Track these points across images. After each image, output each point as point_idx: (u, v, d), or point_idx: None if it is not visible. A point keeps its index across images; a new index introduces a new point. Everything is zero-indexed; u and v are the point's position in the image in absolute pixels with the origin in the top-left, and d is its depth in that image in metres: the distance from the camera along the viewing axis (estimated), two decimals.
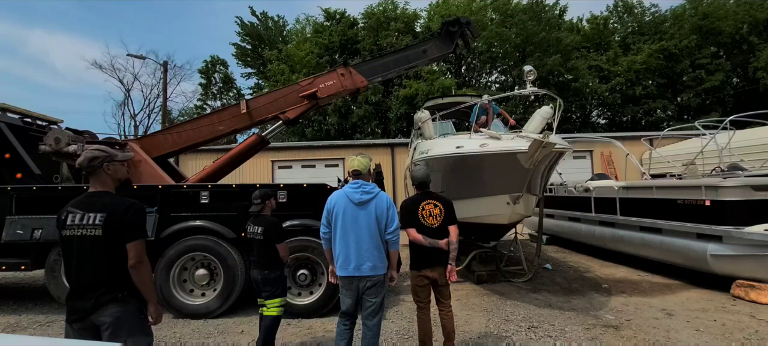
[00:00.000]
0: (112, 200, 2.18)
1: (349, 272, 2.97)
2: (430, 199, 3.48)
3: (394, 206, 3.16)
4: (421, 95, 20.95)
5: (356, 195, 3.02)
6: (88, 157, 2.20)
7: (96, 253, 2.09)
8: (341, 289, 3.10)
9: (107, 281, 2.10)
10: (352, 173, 3.16)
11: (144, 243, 2.19)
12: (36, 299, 6.03)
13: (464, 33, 7.21)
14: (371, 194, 3.04)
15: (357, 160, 3.20)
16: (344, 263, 2.98)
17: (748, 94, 24.48)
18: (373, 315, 3.03)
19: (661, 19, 27.71)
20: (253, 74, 30.21)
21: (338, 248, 3.01)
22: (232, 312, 5.01)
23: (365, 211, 3.00)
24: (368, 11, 26.66)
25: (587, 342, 3.99)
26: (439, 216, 3.40)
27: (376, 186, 3.09)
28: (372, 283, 2.99)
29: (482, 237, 6.88)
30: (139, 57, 20.68)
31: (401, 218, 3.39)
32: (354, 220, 2.98)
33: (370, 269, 2.97)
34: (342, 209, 3.00)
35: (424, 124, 6.77)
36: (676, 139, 13.69)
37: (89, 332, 2.09)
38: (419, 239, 3.33)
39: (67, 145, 5.73)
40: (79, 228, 2.10)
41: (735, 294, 5.31)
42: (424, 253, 3.37)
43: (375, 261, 2.98)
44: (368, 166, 3.19)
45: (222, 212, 5.02)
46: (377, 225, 3.01)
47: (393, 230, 3.06)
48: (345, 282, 3.03)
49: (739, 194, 5.25)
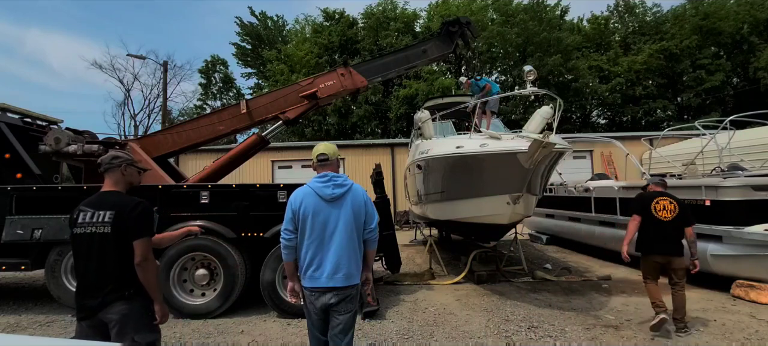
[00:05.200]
0: (121, 199, 2.24)
1: (320, 282, 2.42)
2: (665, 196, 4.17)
3: (370, 198, 2.70)
4: (421, 95, 20.97)
5: (327, 190, 2.47)
6: (112, 155, 2.33)
7: (104, 250, 2.13)
8: (307, 306, 2.53)
9: (115, 278, 2.13)
10: (319, 160, 2.57)
11: (150, 242, 2.23)
12: (36, 299, 6.03)
13: (464, 33, 7.21)
14: (344, 187, 2.52)
15: (324, 145, 2.63)
16: (316, 273, 2.44)
17: (749, 94, 24.49)
18: (345, 333, 2.49)
19: (662, 19, 27.72)
20: (253, 74, 30.27)
21: (308, 255, 2.46)
22: (232, 312, 5.01)
23: (340, 208, 2.47)
24: (368, 11, 26.70)
25: (587, 342, 3.99)
26: (672, 212, 4.09)
27: (347, 177, 2.61)
28: (344, 295, 2.46)
29: (482, 237, 6.88)
30: (139, 57, 20.74)
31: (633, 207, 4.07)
32: (327, 220, 2.45)
33: (345, 278, 2.45)
34: (311, 208, 2.45)
35: (424, 124, 6.77)
36: (676, 139, 13.69)
37: (98, 329, 2.12)
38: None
39: (67, 145, 5.73)
40: (90, 226, 2.14)
41: (735, 294, 5.30)
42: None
43: (351, 268, 2.48)
44: (336, 154, 2.66)
45: (222, 212, 5.01)
46: (354, 223, 2.50)
47: (373, 227, 2.60)
48: (313, 296, 2.46)
49: (739, 194, 5.25)
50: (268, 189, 5.10)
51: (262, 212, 4.98)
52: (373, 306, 4.85)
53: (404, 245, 9.86)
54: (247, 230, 4.96)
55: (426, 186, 6.58)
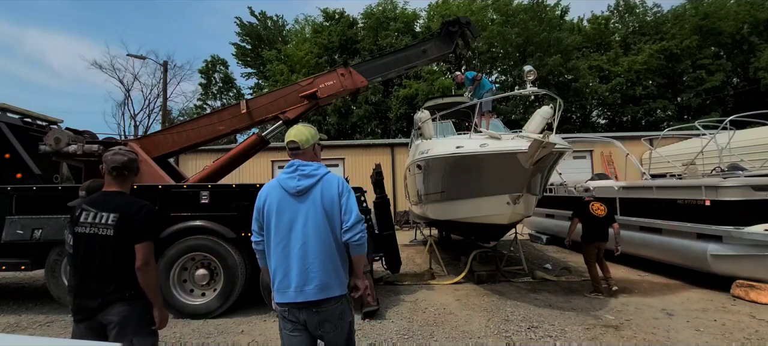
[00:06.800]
0: (126, 201, 2.20)
1: (287, 297, 1.97)
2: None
3: (350, 188, 2.15)
4: (421, 95, 20.97)
5: (292, 182, 2.03)
6: (131, 158, 2.27)
7: (105, 252, 2.10)
8: (282, 329, 2.07)
9: (115, 280, 2.11)
10: (288, 147, 2.14)
11: (152, 246, 2.20)
12: (36, 299, 6.03)
13: (464, 33, 7.21)
14: (313, 177, 2.05)
15: (294, 129, 2.16)
16: (282, 285, 1.99)
17: (749, 94, 24.49)
18: None
19: (662, 19, 27.72)
20: (253, 74, 30.26)
21: (273, 262, 2.03)
22: (232, 312, 5.01)
23: (307, 203, 2.01)
24: (368, 11, 26.71)
25: (587, 342, 3.99)
26: (604, 211, 5.56)
27: (321, 165, 2.13)
28: (324, 314, 1.97)
29: (482, 237, 6.89)
30: (139, 57, 20.73)
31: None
32: (293, 219, 2.01)
33: (318, 290, 1.95)
34: (275, 204, 2.03)
35: (424, 124, 6.77)
36: (676, 139, 13.70)
37: (95, 331, 2.10)
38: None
39: (67, 145, 5.74)
40: (91, 226, 2.11)
41: (735, 294, 5.30)
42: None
43: (326, 277, 1.98)
44: (312, 139, 2.16)
45: (222, 212, 5.01)
46: (327, 221, 2.02)
47: (352, 224, 2.03)
48: (287, 315, 2.01)
49: (739, 194, 5.25)
50: None
51: None
52: (373, 306, 4.85)
53: (404, 245, 9.86)
54: (247, 230, 4.95)
55: (426, 186, 6.58)
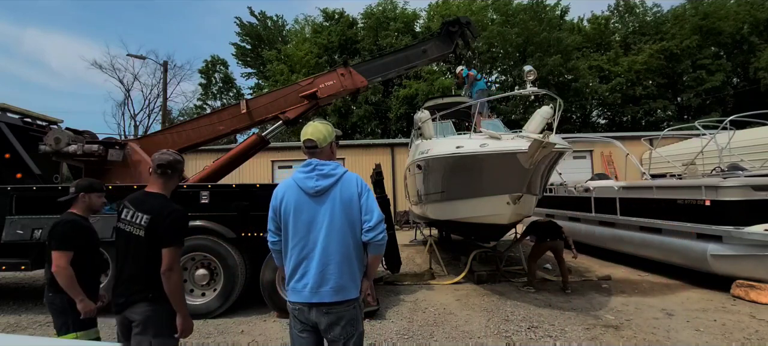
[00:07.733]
0: (160, 203, 2.22)
1: (302, 296, 1.97)
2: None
3: (369, 187, 2.14)
4: (421, 95, 20.97)
5: (310, 182, 2.02)
6: (176, 159, 2.33)
7: (138, 252, 2.17)
8: (292, 327, 2.08)
9: (143, 280, 2.16)
10: (306, 147, 2.12)
11: (178, 251, 2.19)
12: (36, 299, 6.02)
13: (464, 33, 7.22)
14: (333, 177, 2.04)
15: (312, 127, 2.12)
16: (298, 285, 2.00)
17: (749, 94, 24.48)
18: None
19: (662, 19, 27.72)
20: (253, 74, 30.26)
21: (292, 262, 2.03)
22: (232, 312, 5.01)
23: (326, 203, 2.01)
24: (368, 11, 26.71)
25: (587, 342, 3.99)
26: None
27: (338, 165, 2.11)
28: (336, 316, 1.97)
29: (482, 237, 6.89)
30: (139, 57, 20.77)
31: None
32: (311, 219, 2.01)
33: (333, 292, 1.96)
34: (293, 204, 2.03)
35: (424, 124, 6.77)
36: (676, 139, 13.69)
37: (125, 326, 2.19)
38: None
39: (67, 145, 5.73)
40: (129, 225, 2.20)
41: (735, 294, 5.30)
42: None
43: (342, 280, 1.98)
44: (329, 137, 2.14)
45: (222, 212, 5.01)
46: (346, 222, 2.01)
47: (375, 223, 2.03)
48: (297, 314, 2.02)
49: (739, 194, 5.25)
50: (268, 189, 5.08)
51: (262, 212, 4.94)
52: (373, 306, 4.85)
53: (404, 245, 9.86)
54: (247, 230, 4.96)
55: (426, 186, 6.58)
